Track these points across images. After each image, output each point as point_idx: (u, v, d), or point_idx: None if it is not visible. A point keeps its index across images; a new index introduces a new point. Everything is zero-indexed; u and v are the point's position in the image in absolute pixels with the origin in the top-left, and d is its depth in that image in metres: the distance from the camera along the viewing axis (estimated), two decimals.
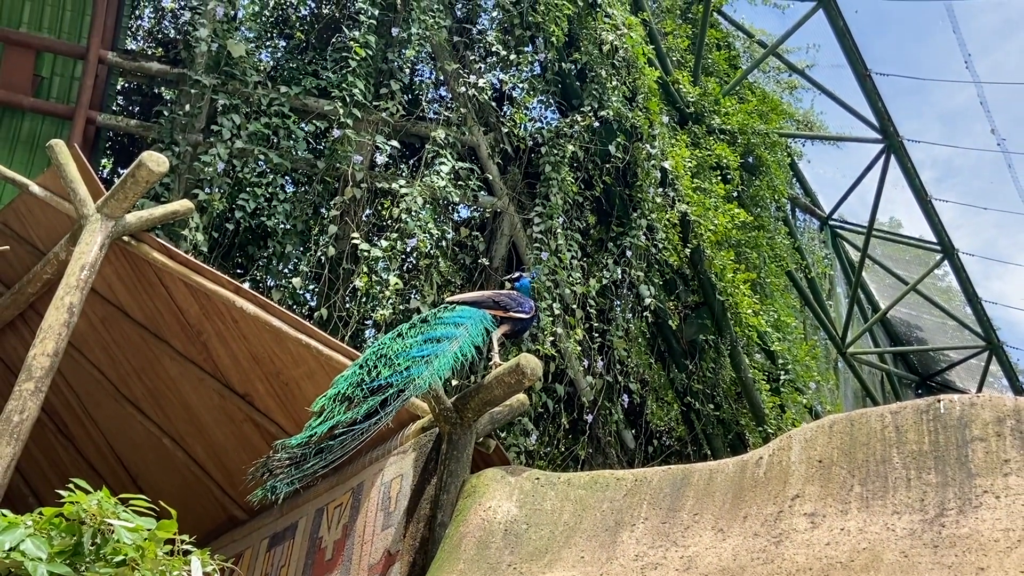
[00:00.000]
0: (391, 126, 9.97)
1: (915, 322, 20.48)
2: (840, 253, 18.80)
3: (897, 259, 20.08)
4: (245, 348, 5.82)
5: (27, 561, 3.74)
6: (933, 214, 16.77)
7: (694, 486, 4.18)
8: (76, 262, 5.35)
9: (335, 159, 9.59)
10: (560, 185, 10.26)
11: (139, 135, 10.49)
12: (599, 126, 10.62)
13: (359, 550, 5.10)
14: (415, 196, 9.44)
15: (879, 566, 3.08)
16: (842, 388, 17.43)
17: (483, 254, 10.28)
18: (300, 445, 4.47)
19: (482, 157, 10.48)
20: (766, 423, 11.71)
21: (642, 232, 10.69)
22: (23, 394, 4.91)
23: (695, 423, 11.74)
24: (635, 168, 10.89)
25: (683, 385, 11.56)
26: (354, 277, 9.18)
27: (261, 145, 9.46)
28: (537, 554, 4.02)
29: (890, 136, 15.84)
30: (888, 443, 3.81)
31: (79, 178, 5.63)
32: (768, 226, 13.84)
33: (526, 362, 4.72)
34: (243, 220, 9.27)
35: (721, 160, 12.44)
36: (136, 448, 6.66)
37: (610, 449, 10.99)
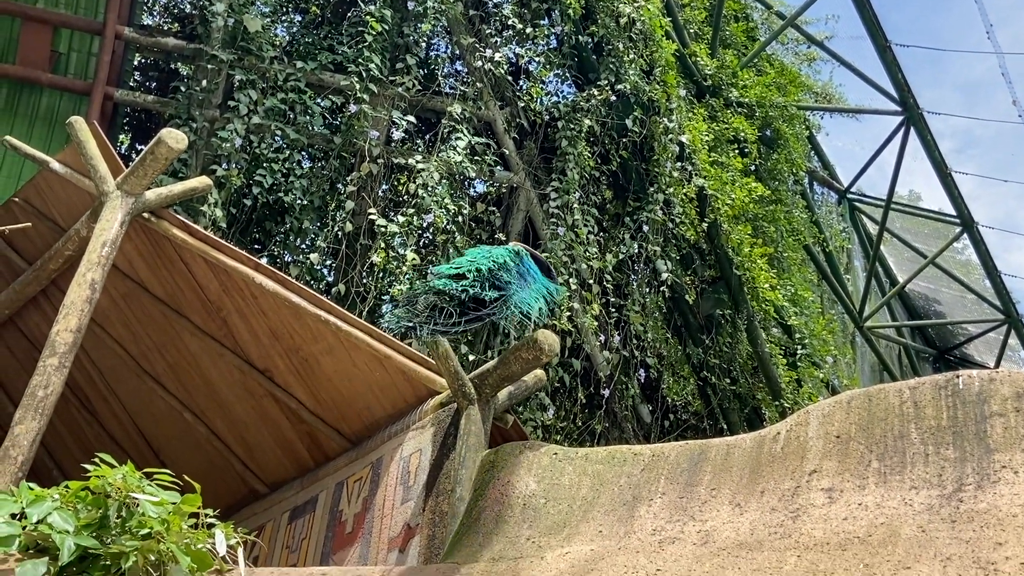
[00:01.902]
0: (407, 101, 9.96)
1: (933, 295, 20.37)
2: (858, 226, 18.70)
3: (916, 232, 19.95)
4: (265, 324, 5.87)
5: (55, 533, 3.81)
6: (952, 186, 16.63)
7: (711, 461, 4.20)
8: (97, 239, 5.38)
9: (351, 134, 9.60)
10: (577, 160, 10.24)
11: (156, 111, 10.53)
12: (616, 100, 10.58)
13: (379, 523, 5.15)
14: (432, 171, 9.45)
15: (896, 541, 3.10)
16: (859, 362, 17.39)
17: (499, 229, 10.29)
18: (435, 292, 4.32)
19: (498, 132, 10.46)
20: (782, 397, 11.69)
21: (659, 207, 10.66)
22: (47, 369, 4.96)
23: (711, 398, 11.75)
24: (652, 142, 10.85)
25: (699, 360, 11.56)
26: (371, 252, 9.21)
27: (278, 120, 9.48)
28: (555, 528, 4.06)
29: (910, 108, 15.70)
30: (906, 418, 3.82)
31: (99, 155, 5.66)
32: (786, 200, 13.76)
33: (544, 338, 4.74)
34: (261, 196, 9.30)
35: (739, 133, 12.37)
36: (158, 423, 6.73)
37: (626, 423, 11.03)
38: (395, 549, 4.94)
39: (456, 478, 4.73)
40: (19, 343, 6.93)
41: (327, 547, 5.48)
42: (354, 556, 5.20)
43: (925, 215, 18.87)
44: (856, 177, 18.15)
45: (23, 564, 3.74)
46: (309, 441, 6.12)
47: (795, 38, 17.02)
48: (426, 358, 5.44)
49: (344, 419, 5.89)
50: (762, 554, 3.29)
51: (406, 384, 5.49)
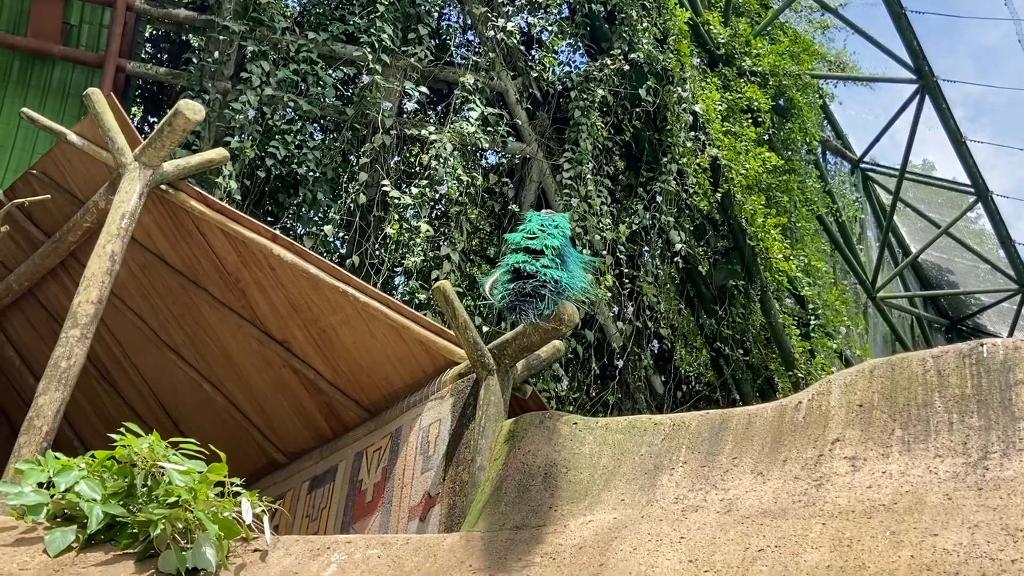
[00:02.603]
0: (419, 72, 9.92)
1: (946, 266, 20.30)
2: (871, 196, 18.61)
3: (929, 202, 19.85)
4: (283, 295, 5.88)
5: (82, 502, 3.85)
6: (967, 155, 16.53)
7: (732, 430, 4.21)
8: (116, 211, 5.39)
9: (364, 106, 9.57)
10: (590, 130, 10.19)
11: (168, 83, 10.52)
12: (629, 69, 10.51)
13: (399, 492, 5.19)
14: (445, 143, 9.42)
15: (923, 508, 3.11)
16: (871, 333, 17.36)
17: (512, 201, 10.27)
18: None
19: (510, 103, 10.41)
20: (796, 368, 11.69)
21: (672, 177, 10.62)
22: (69, 340, 4.99)
23: (724, 368, 11.75)
24: (664, 112, 10.79)
25: (712, 331, 11.56)
26: (385, 224, 9.21)
27: (290, 92, 9.45)
28: (577, 497, 4.08)
29: (925, 76, 15.58)
30: (930, 387, 3.82)
31: (117, 127, 5.66)
32: (799, 170, 13.69)
33: (564, 309, 4.73)
34: (274, 168, 9.29)
35: (752, 103, 12.28)
36: (177, 393, 6.77)
37: (639, 394, 11.04)
38: (415, 518, 4.98)
39: (476, 448, 4.75)
40: (38, 314, 6.97)
41: (347, 516, 5.53)
42: (375, 524, 5.24)
43: (940, 184, 18.78)
44: (870, 146, 18.05)
45: (52, 532, 3.78)
46: (327, 411, 6.16)
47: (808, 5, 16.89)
48: (444, 329, 5.46)
49: (362, 390, 5.91)
50: (786, 522, 3.30)
51: (424, 355, 5.50)
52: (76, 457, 4.16)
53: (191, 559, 3.58)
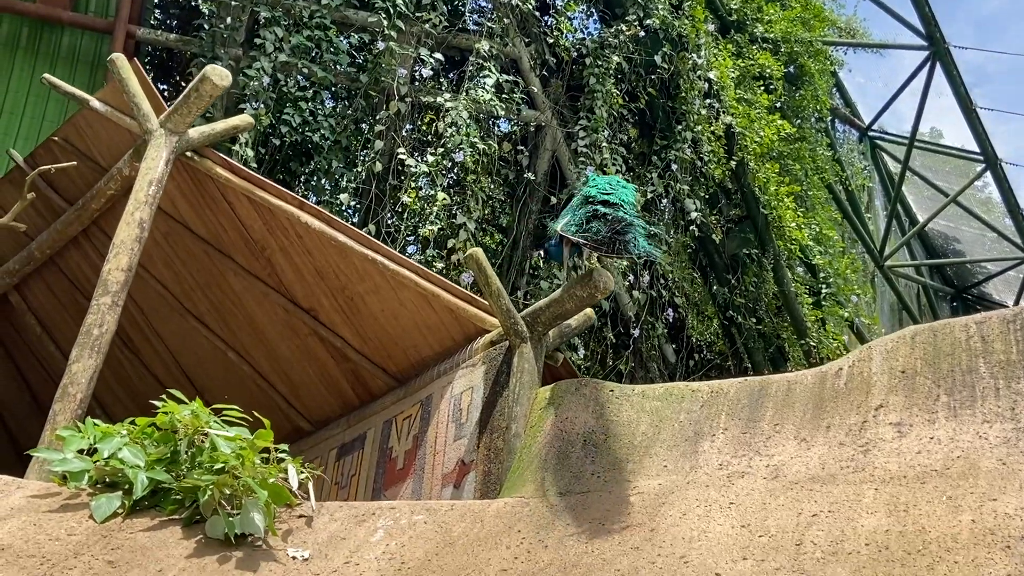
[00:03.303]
0: (433, 38, 9.83)
1: (952, 234, 20.29)
2: (879, 164, 18.56)
3: (936, 170, 19.80)
4: (309, 263, 5.86)
5: (127, 468, 3.85)
6: (977, 123, 16.48)
7: (772, 397, 4.21)
8: (143, 178, 5.36)
9: (378, 73, 9.49)
10: (605, 97, 10.13)
11: (178, 50, 10.41)
12: (644, 36, 10.43)
13: (431, 460, 5.20)
14: (460, 110, 9.35)
15: (977, 473, 3.11)
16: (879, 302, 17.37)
17: (527, 169, 10.22)
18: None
19: (524, 70, 10.33)
20: (808, 336, 11.71)
21: (687, 145, 10.57)
22: (101, 308, 4.97)
23: (736, 337, 11.76)
24: (678, 80, 10.72)
25: (725, 299, 11.56)
26: (401, 192, 9.17)
27: (304, 59, 9.36)
28: (619, 463, 4.09)
29: (936, 42, 15.50)
30: (974, 353, 3.82)
31: (142, 92, 5.61)
32: (810, 138, 13.65)
33: (599, 275, 4.73)
34: (289, 135, 9.22)
35: (764, 70, 12.21)
36: (201, 362, 6.77)
37: (651, 364, 11.06)
38: (449, 484, 4.99)
39: (511, 415, 4.75)
40: (60, 283, 6.95)
41: (378, 483, 5.54)
42: (407, 491, 5.26)
43: (949, 152, 18.72)
44: (878, 114, 17.99)
45: (98, 498, 3.79)
46: (354, 379, 6.16)
47: None
48: (474, 296, 5.45)
49: (390, 358, 5.91)
50: (837, 487, 3.31)
51: (454, 323, 5.49)
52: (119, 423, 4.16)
53: (239, 524, 3.58)
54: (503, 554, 3.35)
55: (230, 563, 3.47)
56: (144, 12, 10.47)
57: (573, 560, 3.20)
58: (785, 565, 2.82)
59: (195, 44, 9.78)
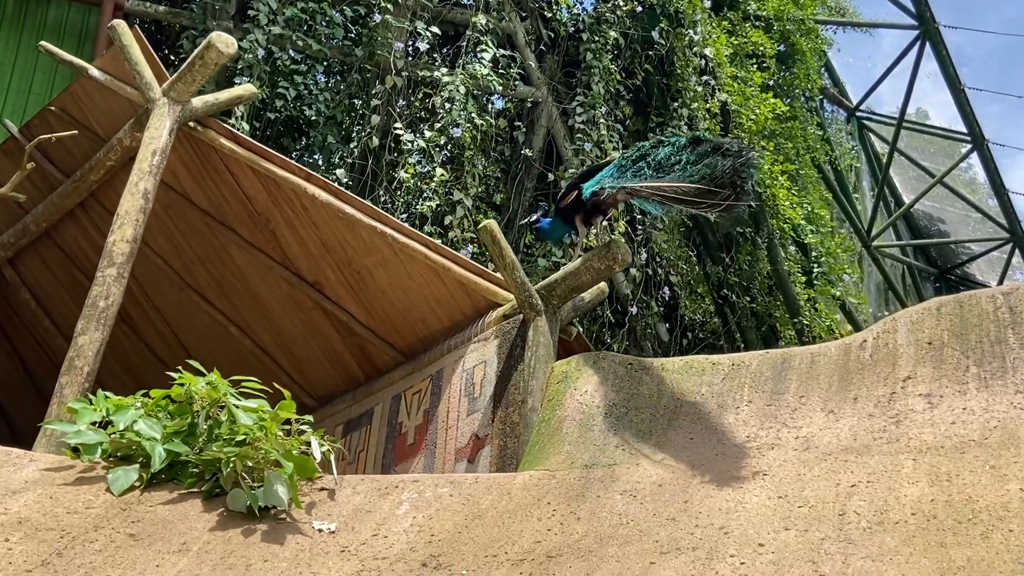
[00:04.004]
0: (429, 12, 9.70)
1: (937, 215, 20.39)
2: (866, 145, 18.59)
3: (922, 151, 19.87)
4: (315, 236, 5.76)
5: (143, 441, 3.77)
6: (965, 103, 16.53)
7: (796, 369, 4.18)
8: (147, 147, 5.24)
9: (374, 46, 9.35)
10: (602, 73, 10.05)
11: (168, 22, 10.22)
12: (641, 11, 10.35)
13: (443, 435, 5.14)
14: (458, 85, 9.24)
15: (1019, 443, 3.09)
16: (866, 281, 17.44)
17: (523, 145, 10.12)
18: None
19: (519, 45, 10.22)
20: (801, 315, 11.73)
21: (683, 122, 10.51)
22: (106, 280, 4.87)
23: (728, 316, 11.75)
24: (673, 57, 10.64)
25: (718, 278, 11.54)
26: (398, 168, 9.06)
27: (298, 31, 9.21)
28: (643, 436, 4.05)
29: (926, 22, 15.51)
30: (1002, 324, 3.80)
31: (144, 61, 5.48)
32: (801, 117, 13.64)
33: (617, 247, 4.67)
34: (284, 109, 9.09)
35: (757, 48, 12.17)
36: (201, 337, 6.66)
37: (645, 342, 11.04)
38: (463, 459, 4.93)
39: (527, 389, 4.70)
40: (55, 257, 6.81)
41: (388, 458, 5.48)
42: (418, 467, 5.20)
43: (936, 133, 18.77)
44: (867, 94, 18.01)
45: (114, 471, 3.71)
46: (359, 354, 6.08)
47: None
48: (486, 270, 5.38)
49: (397, 332, 5.83)
50: (872, 458, 3.28)
51: (464, 296, 5.42)
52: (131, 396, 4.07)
53: (263, 497, 3.51)
54: (535, 526, 3.30)
55: (255, 536, 3.40)
56: None
57: (608, 532, 3.16)
58: (831, 535, 2.78)
59: (185, 16, 9.61)
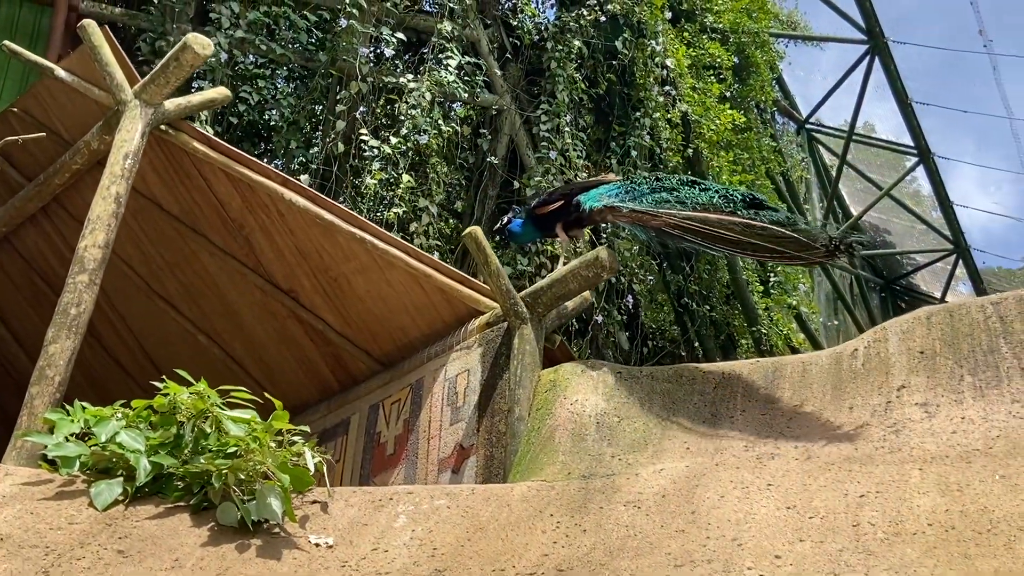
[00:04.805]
0: (395, 17, 9.62)
1: (884, 226, 20.77)
2: (815, 157, 18.88)
3: (868, 163, 20.24)
4: (291, 242, 5.65)
5: (127, 453, 3.64)
6: (912, 117, 16.84)
7: (788, 378, 4.19)
8: (118, 151, 5.08)
9: (339, 52, 9.24)
10: (566, 82, 10.05)
11: (124, 24, 9.98)
12: (604, 21, 10.38)
13: (425, 444, 5.06)
14: (423, 92, 9.16)
15: None
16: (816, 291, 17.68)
17: (488, 153, 10.08)
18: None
19: (483, 53, 10.18)
20: (759, 324, 11.86)
21: (646, 132, 10.55)
22: (78, 286, 4.72)
23: (688, 325, 11.83)
24: (634, 67, 10.69)
25: (678, 287, 11.61)
26: (363, 174, 8.95)
27: (261, 35, 9.06)
28: (638, 445, 4.02)
29: (875, 36, 15.77)
30: (993, 333, 3.84)
31: (115, 62, 5.32)
32: (757, 128, 13.82)
33: (604, 255, 4.65)
34: (246, 114, 8.94)
35: (715, 59, 12.29)
36: (168, 345, 6.48)
37: (607, 350, 11.05)
38: (447, 469, 4.86)
39: (513, 398, 4.65)
40: (14, 263, 6.58)
41: (366, 468, 5.38)
42: (399, 477, 5.11)
43: (883, 146, 19.13)
44: (816, 107, 18.27)
45: (98, 485, 3.57)
46: (334, 363, 5.97)
47: None
48: (468, 277, 5.32)
49: (375, 340, 5.74)
50: (878, 468, 3.28)
51: (445, 304, 5.36)
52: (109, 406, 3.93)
53: (256, 510, 3.41)
54: (540, 539, 3.24)
55: (250, 551, 3.29)
56: None
57: (617, 544, 3.11)
58: (848, 546, 2.77)
59: (142, 18, 9.40)
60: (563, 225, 5.11)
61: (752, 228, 4.23)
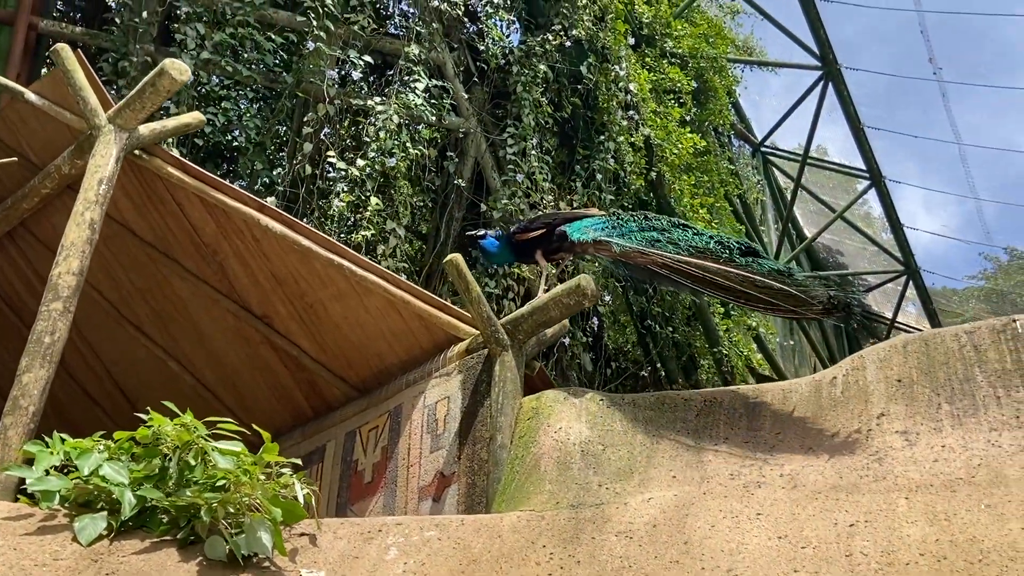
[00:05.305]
0: (362, 41, 9.62)
1: (836, 247, 21.15)
2: (770, 180, 19.19)
3: (821, 185, 20.62)
4: (266, 268, 5.61)
5: (112, 486, 3.58)
6: (864, 141, 17.19)
7: (769, 406, 4.25)
8: (92, 176, 5.02)
9: (303, 74, 9.22)
10: (532, 106, 10.13)
11: (84, 43, 9.87)
12: (569, 46, 10.48)
13: (405, 472, 5.04)
14: (391, 114, 9.17)
15: (1007, 482, 3.20)
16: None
17: (455, 175, 10.11)
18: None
19: (448, 76, 10.23)
20: (720, 345, 12.00)
21: (610, 155, 10.66)
22: (52, 314, 4.63)
23: (650, 346, 11.93)
24: (597, 92, 10.81)
25: (641, 308, 11.71)
26: (331, 197, 8.92)
27: (228, 57, 9.01)
28: (623, 474, 4.04)
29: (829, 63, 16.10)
30: (968, 362, 3.94)
31: (88, 86, 5.26)
32: (715, 151, 14.04)
33: (586, 283, 4.69)
34: (213, 136, 8.88)
35: (675, 84, 12.47)
36: (137, 372, 6.39)
37: (571, 371, 11.10)
38: (427, 498, 4.85)
39: (495, 425, 4.65)
40: None
41: (343, 497, 5.35)
42: (378, 505, 5.09)
43: (836, 169, 19.49)
44: (771, 131, 18.57)
45: (81, 519, 3.51)
46: (308, 389, 5.93)
47: None
48: (446, 303, 5.33)
49: (351, 367, 5.72)
50: (864, 497, 3.34)
51: (423, 330, 5.35)
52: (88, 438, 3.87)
53: (246, 544, 3.37)
54: (535, 571, 3.26)
55: None
56: (47, 3, 9.90)
57: None
58: None
59: (103, 38, 9.31)
60: (543, 253, 5.19)
61: (750, 280, 4.31)
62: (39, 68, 10.08)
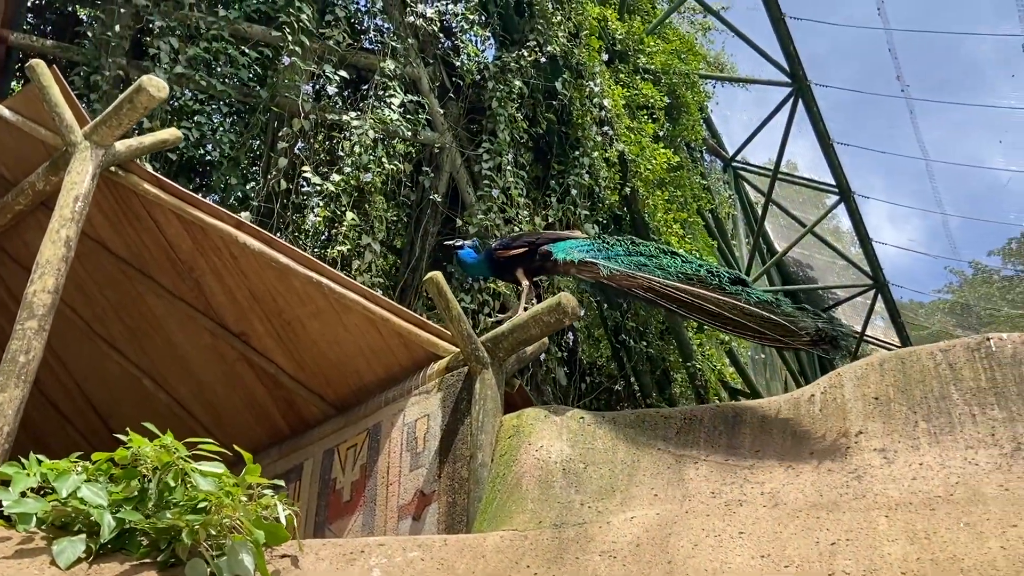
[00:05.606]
0: (337, 56, 9.61)
1: (806, 261, 21.36)
2: (742, 194, 19.37)
3: (792, 200, 20.84)
4: (244, 285, 5.58)
5: (91, 508, 3.54)
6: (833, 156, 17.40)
7: (748, 423, 4.28)
8: (68, 193, 4.97)
9: (281, 88, 9.19)
10: (507, 121, 10.16)
11: (56, 57, 9.79)
12: (545, 62, 10.54)
13: (384, 491, 5.02)
14: (367, 129, 9.17)
15: (985, 500, 3.24)
16: None
17: (431, 190, 10.11)
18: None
19: (423, 91, 10.24)
20: (693, 359, 12.07)
21: (585, 171, 10.72)
22: (27, 333, 4.58)
23: (624, 360, 11.98)
24: (572, 107, 10.87)
25: (615, 323, 11.76)
26: (306, 211, 8.89)
27: (202, 72, 8.96)
28: (605, 492, 4.05)
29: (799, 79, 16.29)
30: (944, 380, 3.99)
31: (64, 102, 5.22)
32: (688, 166, 14.15)
33: (567, 301, 4.71)
34: (187, 151, 8.83)
35: (648, 100, 12.57)
36: (111, 390, 6.32)
37: (545, 386, 11.11)
38: (407, 516, 4.83)
39: (475, 444, 4.65)
40: None
41: (321, 515, 5.31)
42: (357, 524, 5.06)
43: (806, 184, 19.69)
44: (742, 146, 18.76)
45: (59, 542, 3.47)
46: (285, 407, 5.90)
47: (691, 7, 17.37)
48: (426, 321, 5.33)
49: (329, 384, 5.69)
50: (844, 515, 3.38)
51: (402, 348, 5.35)
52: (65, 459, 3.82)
53: (228, 567, 3.34)
54: None
55: None
56: (18, 16, 9.81)
57: None
58: None
59: (75, 51, 9.24)
60: (524, 271, 5.22)
61: (739, 308, 4.37)
62: (9, 81, 9.99)
